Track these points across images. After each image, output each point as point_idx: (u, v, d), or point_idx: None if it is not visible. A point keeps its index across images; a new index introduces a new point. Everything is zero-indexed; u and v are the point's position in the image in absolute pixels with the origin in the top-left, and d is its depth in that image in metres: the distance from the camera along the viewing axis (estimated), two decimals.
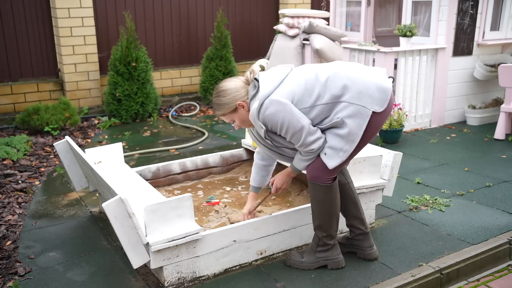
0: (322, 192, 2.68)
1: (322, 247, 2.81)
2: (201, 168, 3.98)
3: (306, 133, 2.50)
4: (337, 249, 2.84)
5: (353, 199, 2.89)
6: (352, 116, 2.50)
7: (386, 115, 2.61)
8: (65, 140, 3.46)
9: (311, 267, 2.82)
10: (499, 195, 3.89)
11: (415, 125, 5.83)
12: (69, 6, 6.23)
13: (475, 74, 5.97)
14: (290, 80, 2.57)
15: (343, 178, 2.87)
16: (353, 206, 2.89)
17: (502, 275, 3.02)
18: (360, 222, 2.91)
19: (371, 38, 6.62)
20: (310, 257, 2.83)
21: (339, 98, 2.51)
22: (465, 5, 5.62)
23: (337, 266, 2.82)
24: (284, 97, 2.49)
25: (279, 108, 2.46)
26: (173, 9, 7.21)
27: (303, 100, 2.52)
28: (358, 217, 2.90)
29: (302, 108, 2.52)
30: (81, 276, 2.82)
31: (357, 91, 2.49)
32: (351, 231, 2.95)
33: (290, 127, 2.48)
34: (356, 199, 2.90)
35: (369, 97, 2.50)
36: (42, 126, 5.65)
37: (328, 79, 2.53)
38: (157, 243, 2.49)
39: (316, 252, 2.82)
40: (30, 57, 6.41)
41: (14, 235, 3.30)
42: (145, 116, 6.39)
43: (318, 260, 2.82)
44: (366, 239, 2.92)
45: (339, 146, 2.55)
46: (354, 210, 2.89)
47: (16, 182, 4.20)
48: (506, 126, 5.37)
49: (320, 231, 2.78)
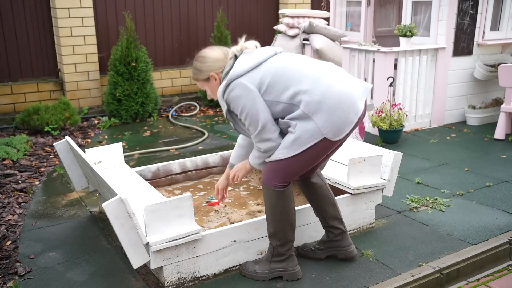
0: (273, 197, 2.61)
1: (277, 257, 2.71)
2: (201, 168, 3.98)
3: (262, 128, 2.46)
4: (293, 260, 2.73)
5: (331, 200, 2.87)
6: (306, 129, 2.43)
7: (339, 144, 2.57)
8: (65, 140, 3.46)
9: (265, 278, 2.72)
10: (499, 195, 3.89)
11: (415, 125, 5.83)
12: (69, 6, 6.23)
13: (475, 74, 5.97)
14: (267, 66, 2.50)
15: (319, 181, 2.84)
16: (331, 207, 2.87)
17: (502, 275, 3.02)
18: (339, 221, 2.89)
19: (371, 38, 6.62)
20: (264, 267, 2.74)
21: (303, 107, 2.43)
22: (465, 5, 5.62)
23: (293, 278, 2.71)
24: (251, 83, 2.44)
25: (244, 93, 2.43)
26: (173, 9, 7.21)
27: (271, 92, 2.46)
28: (337, 217, 2.88)
29: (268, 99, 2.47)
30: (81, 276, 2.82)
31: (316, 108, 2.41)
32: (331, 232, 2.91)
33: (249, 115, 2.45)
34: (333, 199, 2.88)
35: (330, 123, 2.42)
36: (42, 126, 5.65)
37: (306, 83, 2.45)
38: (157, 243, 2.49)
39: (271, 263, 2.73)
40: (30, 57, 6.41)
41: (14, 235, 3.30)
42: (145, 116, 6.39)
43: (273, 270, 2.72)
44: (345, 238, 2.90)
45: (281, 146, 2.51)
46: (333, 211, 2.87)
47: (16, 182, 4.20)
48: (506, 126, 5.37)
49: (274, 239, 2.70)
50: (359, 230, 3.30)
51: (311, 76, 2.47)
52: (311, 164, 2.59)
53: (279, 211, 2.63)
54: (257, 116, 2.44)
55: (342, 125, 2.44)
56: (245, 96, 2.43)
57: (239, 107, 2.46)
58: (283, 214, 2.64)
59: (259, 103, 2.44)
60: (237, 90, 2.45)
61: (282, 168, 2.55)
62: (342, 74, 2.56)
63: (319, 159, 2.58)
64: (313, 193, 2.85)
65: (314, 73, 2.49)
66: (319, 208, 2.88)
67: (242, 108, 2.46)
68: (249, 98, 2.43)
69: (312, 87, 2.44)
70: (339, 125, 2.43)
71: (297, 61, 2.56)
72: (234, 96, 2.46)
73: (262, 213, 3.33)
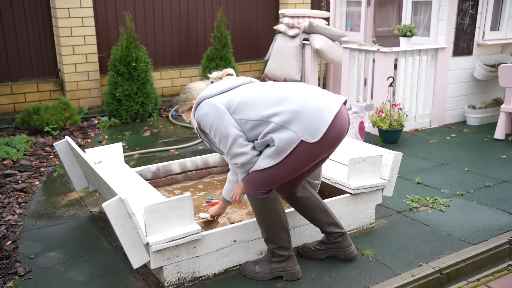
0: (258, 205, 2.63)
1: (277, 258, 2.73)
2: (201, 168, 3.98)
3: (232, 143, 2.50)
4: (293, 260, 2.75)
5: (322, 208, 2.87)
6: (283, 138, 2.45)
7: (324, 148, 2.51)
8: (65, 140, 3.46)
9: (265, 278, 2.73)
10: (499, 195, 3.89)
11: (415, 125, 5.83)
12: (69, 6, 6.23)
13: (475, 74, 5.97)
14: (238, 90, 2.62)
15: (305, 193, 2.84)
16: (324, 215, 2.87)
17: (502, 275, 3.02)
18: (335, 226, 2.89)
19: (371, 38, 6.63)
20: (264, 267, 2.75)
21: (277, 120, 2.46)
22: (465, 5, 5.62)
23: (293, 278, 2.73)
24: (220, 102, 2.53)
25: (212, 111, 2.51)
26: (173, 9, 7.21)
27: (240, 111, 2.52)
28: (332, 222, 2.89)
29: (237, 118, 2.52)
30: (81, 276, 2.82)
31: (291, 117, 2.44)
32: (330, 236, 2.92)
33: (217, 131, 2.51)
34: (324, 206, 2.88)
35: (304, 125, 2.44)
36: (42, 126, 5.65)
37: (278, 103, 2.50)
38: (157, 243, 2.49)
39: (271, 263, 2.74)
40: (30, 57, 6.41)
41: (14, 235, 3.30)
42: (145, 116, 6.39)
43: (273, 271, 2.74)
44: (345, 239, 2.91)
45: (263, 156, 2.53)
46: (326, 217, 2.87)
47: (16, 182, 4.20)
48: (506, 126, 5.37)
49: (270, 243, 2.72)
50: (359, 230, 3.30)
51: (282, 96, 2.52)
52: (293, 174, 2.57)
53: (268, 217, 2.65)
54: (226, 131, 2.50)
55: (316, 125, 2.44)
56: (213, 113, 2.51)
57: (208, 124, 2.55)
58: (272, 218, 2.65)
59: (227, 119, 2.51)
60: (206, 108, 2.54)
61: (265, 177, 2.55)
62: (314, 90, 2.59)
63: (301, 168, 2.55)
64: (303, 206, 2.86)
65: (286, 93, 2.54)
66: (312, 218, 2.89)
67: (211, 125, 2.53)
68: (217, 115, 2.50)
69: (285, 104, 2.49)
70: (313, 125, 2.44)
71: (269, 86, 2.63)
72: (202, 114, 2.55)
73: None
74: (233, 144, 2.51)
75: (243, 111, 2.52)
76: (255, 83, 2.71)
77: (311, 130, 2.44)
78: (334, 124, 2.47)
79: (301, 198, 2.84)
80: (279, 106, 2.49)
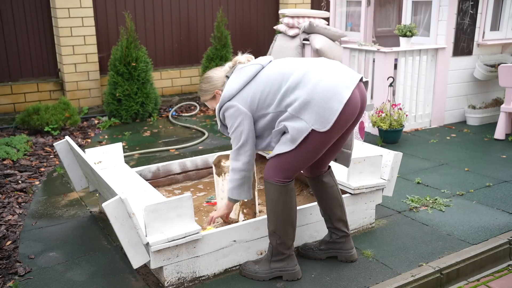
0: (274, 192, 2.65)
1: (277, 257, 2.72)
2: (201, 168, 3.98)
3: (241, 145, 2.69)
4: (293, 260, 2.75)
5: (339, 201, 2.88)
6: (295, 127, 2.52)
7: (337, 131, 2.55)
8: (65, 140, 3.46)
9: (265, 278, 2.73)
10: (499, 195, 3.89)
11: (415, 125, 5.83)
12: (69, 6, 6.23)
13: (475, 74, 5.97)
14: (256, 82, 2.67)
15: (331, 181, 2.86)
16: (339, 209, 2.88)
17: (502, 275, 3.02)
18: (344, 224, 2.90)
19: (371, 38, 6.62)
20: (264, 267, 2.74)
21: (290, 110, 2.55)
22: (465, 5, 5.62)
23: (293, 278, 2.72)
24: (243, 105, 2.65)
25: (235, 114, 2.67)
26: (173, 9, 7.21)
27: (262, 108, 2.65)
28: (343, 219, 2.90)
29: (259, 114, 2.66)
30: (81, 276, 2.82)
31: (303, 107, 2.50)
32: (334, 233, 2.92)
33: (235, 132, 2.71)
34: (342, 201, 2.90)
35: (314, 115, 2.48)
36: (42, 126, 5.65)
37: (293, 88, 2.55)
38: (157, 243, 2.49)
39: (271, 262, 2.74)
40: (30, 57, 6.41)
41: (14, 235, 3.30)
42: (145, 116, 6.39)
43: (273, 270, 2.73)
44: (347, 241, 2.92)
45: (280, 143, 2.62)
46: (340, 212, 2.89)
47: (16, 182, 4.20)
48: (506, 126, 5.37)
49: (274, 237, 2.71)
50: (359, 230, 3.30)
51: (298, 79, 2.56)
52: (311, 159, 2.62)
53: (280, 206, 2.65)
54: (241, 135, 2.68)
55: (326, 114, 2.47)
56: (236, 117, 2.68)
57: (229, 124, 2.74)
58: (284, 209, 2.66)
59: (246, 125, 2.67)
60: (230, 111, 2.69)
61: (281, 162, 2.61)
62: (332, 67, 2.58)
63: (318, 153, 2.60)
64: (324, 192, 2.86)
65: (301, 74, 2.57)
66: (327, 208, 2.89)
67: (231, 125, 2.72)
68: (238, 118, 2.67)
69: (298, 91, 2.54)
70: (322, 115, 2.47)
71: (284, 67, 2.65)
72: (227, 115, 2.72)
73: (262, 213, 3.33)
74: (241, 147, 2.70)
75: (264, 108, 2.64)
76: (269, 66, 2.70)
77: (321, 119, 2.48)
78: (344, 111, 2.50)
79: (326, 183, 2.85)
80: (293, 93, 2.54)
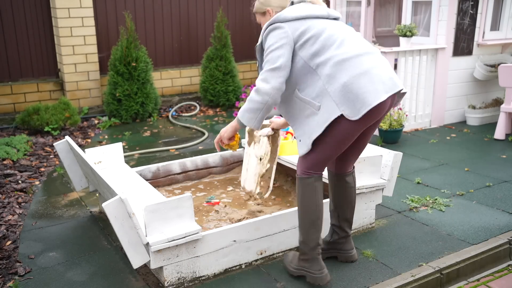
0: (300, 184, 2.62)
1: (303, 256, 2.68)
2: (201, 168, 3.98)
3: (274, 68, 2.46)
4: (318, 264, 2.64)
5: (352, 204, 2.88)
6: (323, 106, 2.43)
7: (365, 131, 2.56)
8: (65, 140, 3.47)
9: (293, 273, 2.73)
10: (499, 195, 3.89)
11: (415, 125, 5.83)
12: (69, 6, 6.23)
13: (475, 74, 5.97)
14: (314, 23, 2.51)
15: (352, 182, 2.85)
16: (349, 210, 2.88)
17: (502, 275, 3.02)
18: (348, 225, 2.90)
19: (371, 38, 6.63)
20: (295, 262, 2.75)
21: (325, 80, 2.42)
22: (465, 5, 5.62)
23: (315, 282, 2.63)
24: (292, 32, 2.48)
25: (280, 36, 2.48)
26: (173, 9, 7.21)
27: (304, 48, 2.48)
28: (349, 220, 2.89)
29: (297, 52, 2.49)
30: (81, 276, 2.82)
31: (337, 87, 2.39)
32: (336, 233, 2.91)
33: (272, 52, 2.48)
34: (354, 204, 2.89)
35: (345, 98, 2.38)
36: (42, 126, 5.65)
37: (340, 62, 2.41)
38: (157, 243, 2.49)
39: (299, 260, 2.72)
40: (30, 57, 6.41)
41: (14, 235, 3.30)
42: (145, 116, 6.39)
43: (300, 268, 2.71)
44: (348, 241, 2.91)
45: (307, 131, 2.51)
46: (349, 213, 2.88)
47: (16, 182, 4.20)
48: (506, 126, 5.37)
49: (299, 233, 2.68)
50: (359, 230, 3.30)
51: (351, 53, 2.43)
52: (337, 149, 2.52)
53: (305, 201, 2.61)
54: (278, 58, 2.47)
55: (358, 104, 2.36)
56: (280, 39, 2.48)
57: (269, 43, 2.52)
58: (308, 205, 2.60)
59: (286, 51, 2.47)
60: (277, 32, 2.50)
61: (311, 155, 2.54)
62: (382, 62, 2.50)
63: (344, 143, 2.50)
64: (342, 190, 2.84)
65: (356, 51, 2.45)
66: (339, 206, 2.87)
67: (271, 44, 2.50)
68: (282, 41, 2.47)
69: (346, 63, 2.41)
70: (355, 102, 2.36)
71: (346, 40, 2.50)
72: (272, 35, 2.52)
73: (262, 213, 3.34)
74: (274, 70, 2.46)
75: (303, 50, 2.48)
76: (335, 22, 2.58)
77: (352, 106, 2.37)
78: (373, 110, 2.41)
79: (347, 183, 2.82)
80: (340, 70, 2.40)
